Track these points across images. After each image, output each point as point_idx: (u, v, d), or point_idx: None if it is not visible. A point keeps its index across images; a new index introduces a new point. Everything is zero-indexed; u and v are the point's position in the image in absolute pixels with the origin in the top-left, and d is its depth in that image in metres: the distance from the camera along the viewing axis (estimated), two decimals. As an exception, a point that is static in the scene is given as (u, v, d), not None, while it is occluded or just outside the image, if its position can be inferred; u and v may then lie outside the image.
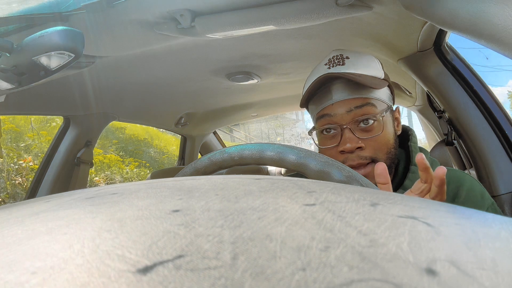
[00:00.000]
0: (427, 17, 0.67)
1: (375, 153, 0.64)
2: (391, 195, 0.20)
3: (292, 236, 0.13)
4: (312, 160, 0.42)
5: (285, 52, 1.14)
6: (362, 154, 0.63)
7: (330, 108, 0.65)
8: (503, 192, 0.95)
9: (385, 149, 0.64)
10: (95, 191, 0.22)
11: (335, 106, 0.65)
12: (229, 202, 0.17)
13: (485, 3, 0.50)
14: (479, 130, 0.98)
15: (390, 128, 0.67)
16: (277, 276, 0.11)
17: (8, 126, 3.84)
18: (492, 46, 0.54)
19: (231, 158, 0.48)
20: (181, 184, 0.22)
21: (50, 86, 1.12)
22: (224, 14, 0.83)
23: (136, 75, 1.24)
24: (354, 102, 0.64)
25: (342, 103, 0.65)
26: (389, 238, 0.13)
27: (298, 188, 0.20)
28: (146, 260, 0.12)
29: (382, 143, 0.64)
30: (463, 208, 0.19)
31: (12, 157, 3.53)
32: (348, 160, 0.64)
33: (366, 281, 0.11)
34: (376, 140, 0.64)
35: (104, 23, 0.83)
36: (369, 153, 0.63)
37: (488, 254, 0.13)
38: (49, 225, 0.16)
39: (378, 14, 0.86)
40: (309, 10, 0.79)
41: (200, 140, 2.30)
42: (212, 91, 1.57)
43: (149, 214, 0.16)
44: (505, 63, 22.87)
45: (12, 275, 0.11)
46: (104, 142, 5.07)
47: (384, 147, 0.64)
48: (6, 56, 0.56)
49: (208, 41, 0.99)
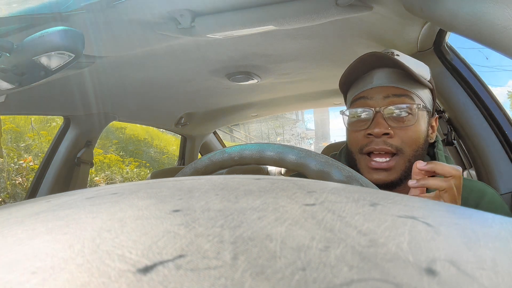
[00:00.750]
0: (427, 17, 0.67)
1: (402, 144, 0.62)
2: (391, 195, 0.20)
3: (292, 236, 0.13)
4: (312, 160, 0.42)
5: (285, 52, 1.14)
6: (389, 141, 0.62)
7: (368, 91, 0.65)
8: (503, 192, 0.95)
9: (413, 144, 0.62)
10: (95, 191, 0.22)
11: (374, 91, 0.64)
12: (229, 202, 0.17)
13: (485, 3, 0.50)
14: (479, 130, 0.98)
15: (423, 127, 0.64)
16: (277, 276, 0.11)
17: (8, 126, 3.84)
18: (492, 46, 0.54)
19: (231, 158, 0.48)
20: (181, 184, 0.22)
21: (50, 86, 1.12)
22: (224, 14, 0.83)
23: (136, 75, 1.24)
24: (393, 90, 0.63)
25: (381, 89, 0.64)
26: (389, 238, 0.13)
27: (298, 188, 0.20)
28: (146, 260, 0.12)
29: (411, 137, 0.62)
30: (463, 208, 0.19)
31: (12, 157, 3.54)
32: (372, 143, 0.62)
33: (366, 281, 0.11)
34: (406, 132, 0.62)
35: (104, 23, 0.83)
36: (396, 142, 0.62)
37: (488, 254, 0.13)
38: (49, 225, 0.16)
39: (378, 14, 0.86)
40: (309, 10, 0.79)
41: (200, 140, 2.30)
42: (212, 91, 1.57)
43: (149, 214, 0.16)
44: (505, 63, 22.87)
45: (12, 275, 0.11)
46: (104, 142, 5.08)
47: (413, 143, 0.62)
48: (6, 56, 0.56)
49: (208, 41, 0.99)
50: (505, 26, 0.48)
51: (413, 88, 0.64)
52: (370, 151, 0.63)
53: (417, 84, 0.64)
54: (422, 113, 0.64)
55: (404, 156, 0.62)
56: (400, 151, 0.62)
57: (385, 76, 0.64)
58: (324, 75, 1.42)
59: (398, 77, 0.64)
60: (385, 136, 0.62)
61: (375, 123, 0.62)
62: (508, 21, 0.48)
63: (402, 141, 0.62)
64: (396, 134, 0.62)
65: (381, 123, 0.62)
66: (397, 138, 0.62)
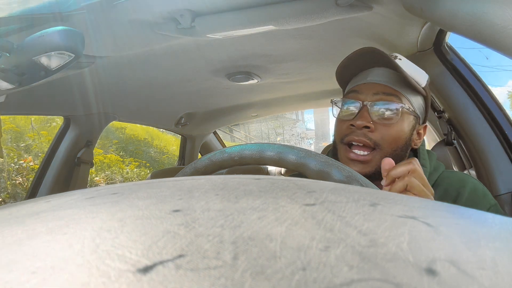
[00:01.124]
0: (427, 17, 0.67)
1: (381, 140, 0.64)
2: (391, 195, 0.20)
3: (292, 236, 0.13)
4: (312, 160, 0.42)
5: (285, 52, 1.14)
6: (369, 134, 0.64)
7: (361, 86, 0.68)
8: (503, 192, 0.95)
9: (392, 143, 0.65)
10: (95, 191, 0.22)
11: (366, 86, 0.67)
12: (229, 202, 0.17)
13: (485, 3, 0.51)
14: (479, 130, 0.98)
15: (405, 129, 0.66)
16: (277, 276, 0.11)
17: (9, 126, 3.84)
18: (492, 46, 0.54)
19: (231, 158, 0.48)
20: (181, 184, 0.22)
21: (50, 86, 1.12)
22: (224, 14, 0.83)
23: (136, 75, 1.24)
24: (384, 88, 0.66)
25: (373, 85, 0.67)
26: (389, 238, 0.13)
27: (298, 188, 0.20)
28: (146, 260, 0.12)
29: (391, 134, 0.65)
30: (463, 208, 0.19)
31: (12, 157, 3.54)
32: (353, 134, 0.65)
33: (366, 281, 0.11)
34: (387, 129, 0.64)
35: (104, 23, 0.83)
36: (375, 137, 0.64)
37: (488, 254, 0.13)
38: (49, 225, 0.16)
39: (378, 14, 0.86)
40: (309, 10, 0.79)
41: (200, 140, 2.30)
42: (212, 91, 1.57)
43: (149, 214, 0.16)
44: (505, 63, 22.87)
45: (13, 275, 0.11)
46: (104, 142, 5.08)
47: (392, 141, 0.65)
48: (6, 56, 0.56)
49: (208, 41, 0.99)
50: (505, 26, 0.48)
51: (405, 91, 0.66)
52: (350, 141, 0.66)
53: (410, 88, 0.67)
54: (408, 116, 0.67)
55: (382, 152, 0.64)
56: (378, 147, 0.64)
57: (380, 74, 0.67)
58: (324, 75, 1.42)
59: (391, 77, 0.67)
60: (366, 129, 0.65)
61: (359, 116, 0.65)
62: (508, 21, 0.48)
63: (381, 137, 0.64)
64: (377, 129, 0.64)
65: (365, 116, 0.64)
66: (377, 133, 0.64)
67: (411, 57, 1.04)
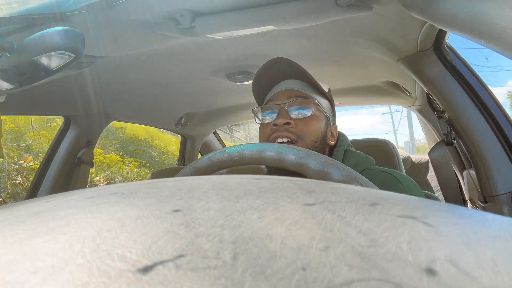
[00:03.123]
0: (427, 17, 0.67)
1: (302, 133, 0.74)
2: (391, 195, 0.20)
3: (292, 236, 0.13)
4: (312, 160, 0.42)
5: (285, 52, 1.14)
6: (291, 129, 0.74)
7: (276, 94, 0.79)
8: (502, 192, 0.95)
9: (312, 135, 0.75)
10: (95, 191, 0.22)
11: (281, 93, 0.79)
12: (229, 202, 0.17)
13: (485, 3, 0.51)
14: (479, 130, 0.98)
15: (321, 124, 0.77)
16: (277, 276, 0.11)
17: (9, 126, 3.84)
18: (492, 46, 0.54)
19: (231, 158, 0.48)
20: (181, 184, 0.22)
21: (51, 86, 1.12)
22: (224, 14, 0.83)
23: (136, 75, 1.24)
24: (296, 93, 0.78)
25: (286, 91, 0.78)
26: (388, 238, 0.13)
27: (298, 188, 0.20)
28: (146, 260, 0.12)
29: (309, 128, 0.75)
30: (463, 208, 0.19)
31: (12, 157, 3.54)
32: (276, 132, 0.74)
33: (366, 281, 0.11)
34: (305, 123, 0.75)
35: (104, 23, 0.83)
36: (296, 131, 0.74)
37: (487, 254, 0.13)
38: (49, 225, 0.16)
39: (378, 14, 0.86)
40: (309, 10, 0.79)
41: (200, 140, 2.30)
42: (212, 91, 1.57)
43: (149, 214, 0.16)
44: (505, 63, 22.87)
45: (13, 275, 0.11)
46: (104, 142, 5.07)
47: (311, 133, 0.75)
48: (6, 56, 0.56)
49: (208, 41, 0.99)
50: (505, 26, 0.48)
51: (313, 95, 0.78)
52: (276, 137, 0.74)
53: (317, 93, 0.79)
54: (320, 114, 0.78)
55: (304, 144, 0.74)
56: (300, 139, 0.74)
57: (291, 83, 0.80)
58: (324, 75, 1.42)
59: (301, 84, 0.79)
60: (287, 126, 0.74)
61: (279, 116, 0.75)
62: (508, 21, 0.48)
63: (302, 131, 0.75)
64: (297, 125, 0.75)
65: (284, 115, 0.75)
66: (297, 128, 0.75)
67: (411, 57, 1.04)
